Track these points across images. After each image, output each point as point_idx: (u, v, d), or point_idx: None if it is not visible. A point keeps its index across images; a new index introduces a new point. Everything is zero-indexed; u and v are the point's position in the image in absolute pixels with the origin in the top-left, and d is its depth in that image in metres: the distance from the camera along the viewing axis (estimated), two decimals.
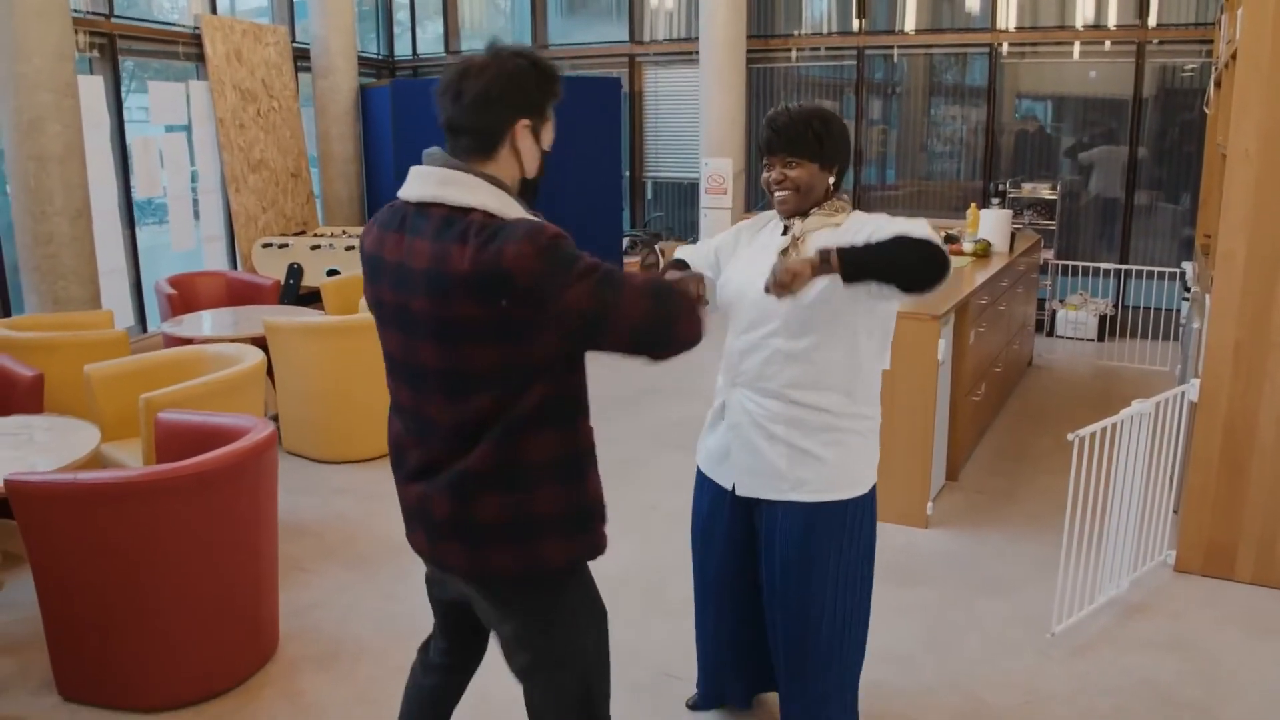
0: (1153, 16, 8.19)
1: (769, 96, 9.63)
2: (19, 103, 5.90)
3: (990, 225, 6.30)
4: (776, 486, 2.58)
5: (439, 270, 1.76)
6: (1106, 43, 8.42)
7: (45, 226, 6.05)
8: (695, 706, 3.10)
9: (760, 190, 2.86)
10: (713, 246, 2.79)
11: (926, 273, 2.22)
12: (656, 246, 2.80)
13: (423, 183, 1.85)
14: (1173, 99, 8.33)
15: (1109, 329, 8.25)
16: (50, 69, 5.95)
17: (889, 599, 3.78)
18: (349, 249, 8.28)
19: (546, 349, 1.78)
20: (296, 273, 8.31)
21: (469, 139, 1.85)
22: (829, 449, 2.53)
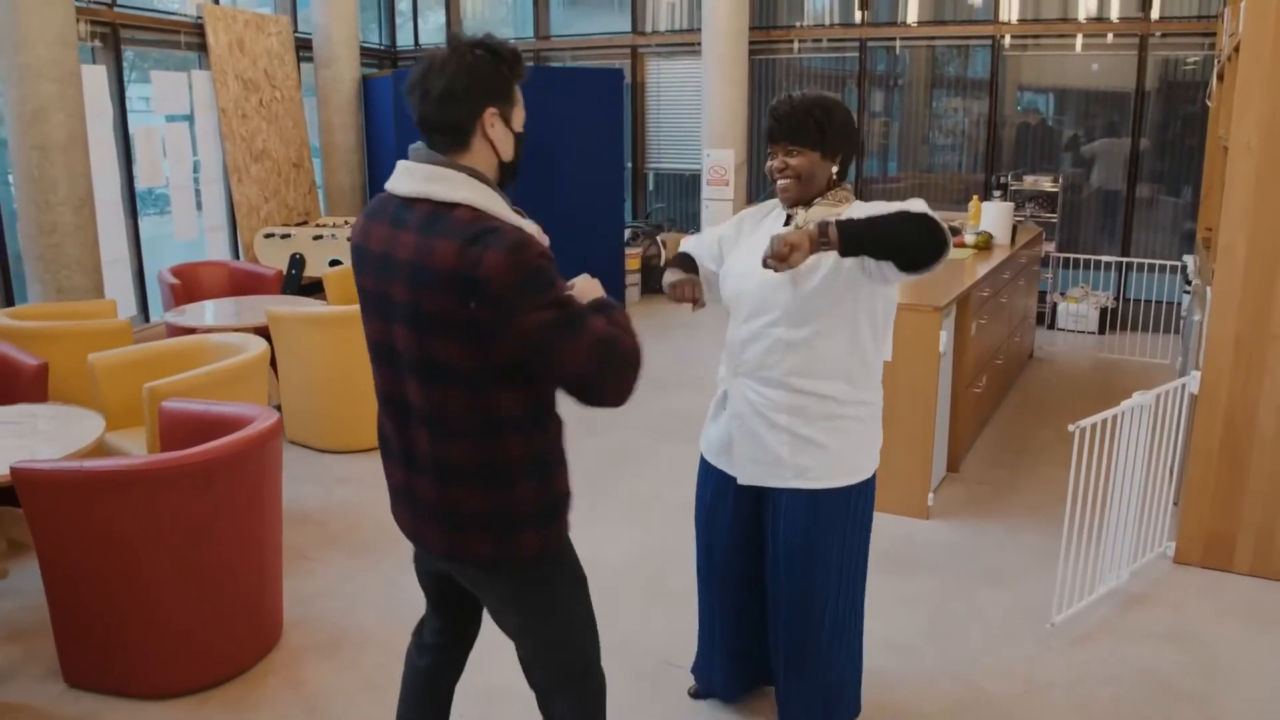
0: (1155, 9, 8.18)
1: (771, 88, 9.62)
2: (22, 92, 5.90)
3: (992, 218, 6.31)
4: (779, 474, 2.59)
5: (422, 264, 1.82)
6: (1109, 35, 8.42)
7: (49, 216, 6.06)
8: (697, 695, 3.12)
9: (762, 182, 2.88)
10: (716, 237, 2.80)
11: (926, 248, 2.23)
12: (658, 238, 2.80)
13: (409, 178, 1.90)
14: (1175, 92, 8.32)
15: (1110, 322, 8.26)
16: (54, 58, 5.95)
17: (890, 589, 3.80)
18: (351, 240, 8.27)
19: (503, 357, 1.84)
20: (299, 263, 8.32)
21: (442, 135, 1.90)
22: (831, 436, 2.54)
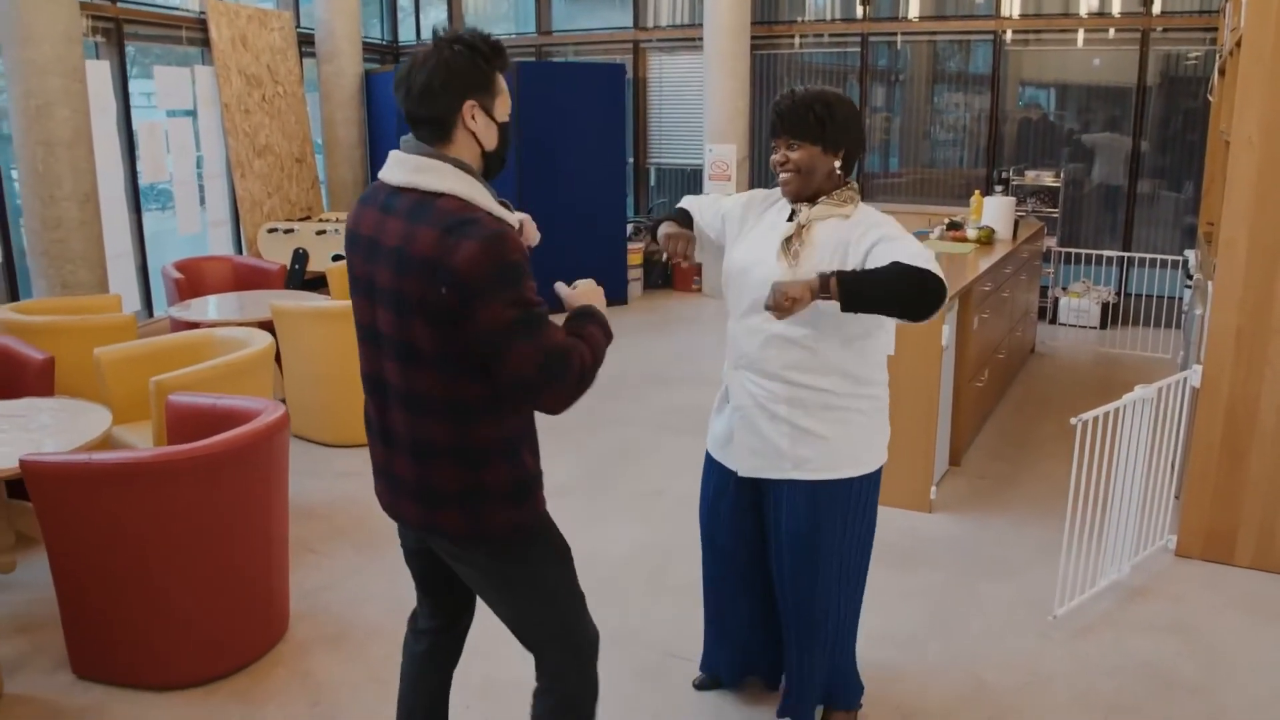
0: (1157, 4, 8.18)
1: (773, 83, 9.62)
2: (27, 87, 5.92)
3: (994, 212, 6.33)
4: (779, 466, 2.61)
5: (405, 249, 1.90)
6: (1110, 30, 8.42)
7: (54, 211, 6.09)
8: (701, 687, 3.13)
9: (764, 176, 2.89)
10: (721, 210, 2.80)
11: (922, 304, 2.29)
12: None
13: (400, 168, 1.98)
14: (1176, 87, 8.32)
15: (1111, 316, 8.27)
16: (58, 54, 5.97)
17: (893, 582, 3.82)
18: None
19: (466, 344, 1.91)
20: (302, 258, 8.34)
21: (426, 127, 1.98)
22: (831, 427, 2.56)
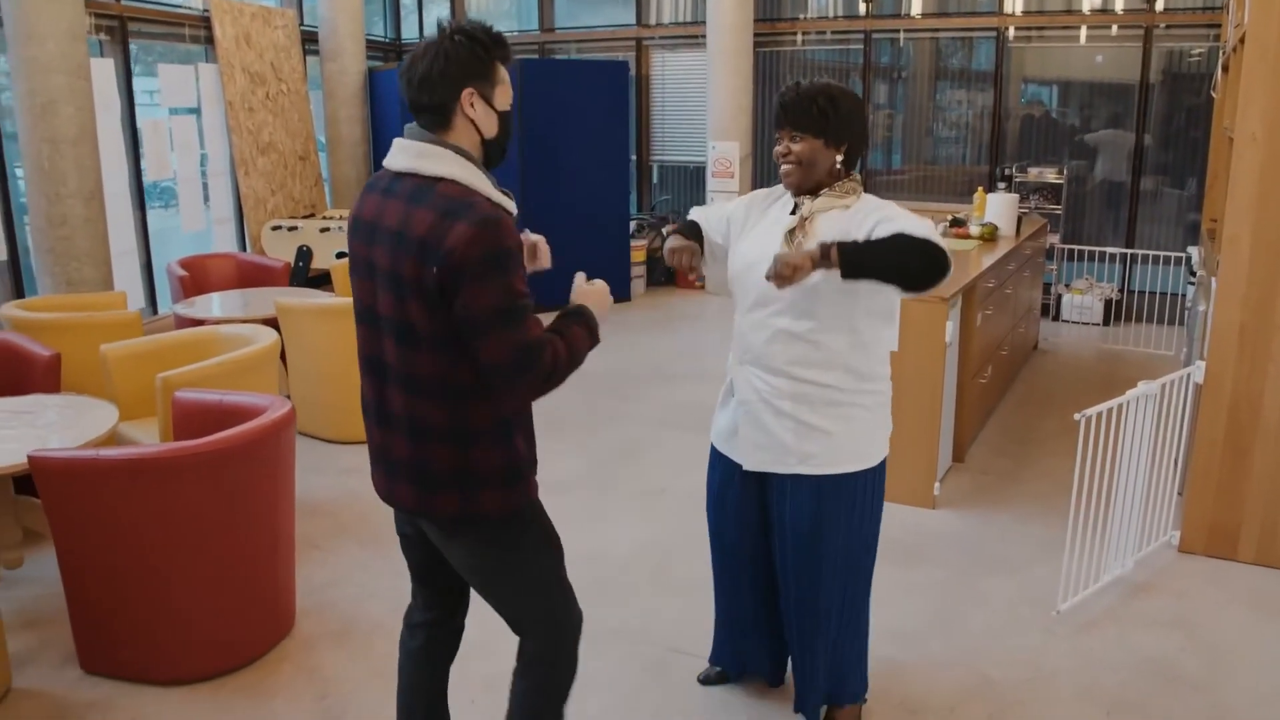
0: (1160, 1, 8.18)
1: (776, 80, 9.62)
2: (32, 85, 5.93)
3: (997, 209, 6.33)
4: (784, 460, 2.62)
5: (403, 231, 1.97)
6: (1113, 27, 8.41)
7: (59, 208, 6.10)
8: (707, 681, 3.15)
9: (766, 173, 2.90)
10: (725, 214, 2.82)
11: (925, 274, 2.30)
12: (663, 230, 2.85)
13: (402, 154, 2.04)
14: (1179, 84, 8.32)
15: (1114, 313, 8.27)
16: (63, 52, 5.98)
17: (896, 578, 3.83)
18: None
19: (453, 325, 1.96)
20: (306, 255, 8.35)
21: (427, 115, 2.04)
22: (835, 423, 2.57)
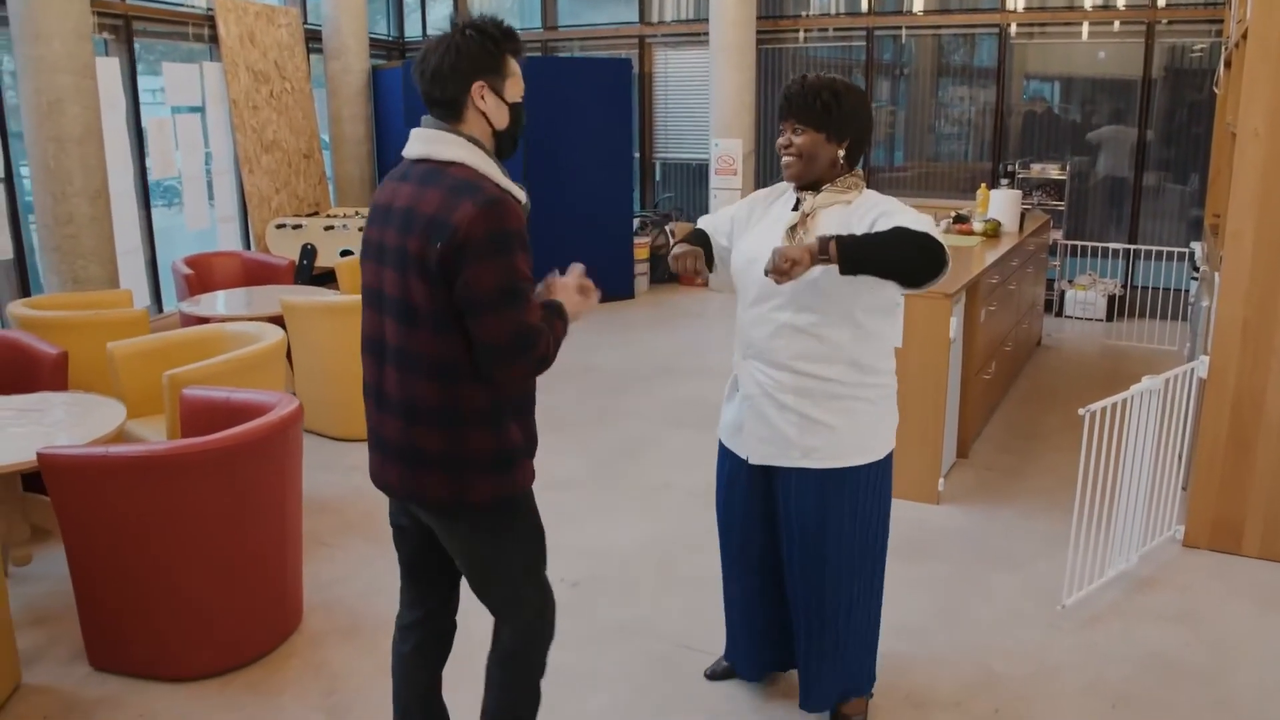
0: None
1: (779, 78, 9.62)
2: (38, 84, 5.95)
3: (1000, 205, 6.33)
4: (788, 454, 2.63)
5: (413, 209, 2.05)
6: (1116, 23, 8.41)
7: (65, 207, 6.12)
8: (714, 676, 3.16)
9: (769, 171, 2.92)
10: (729, 216, 2.85)
11: (924, 269, 2.31)
12: (667, 228, 2.86)
13: (417, 142, 2.14)
14: (1182, 79, 8.31)
15: (1117, 309, 8.28)
16: (69, 51, 5.99)
17: (902, 573, 3.84)
18: (362, 229, 8.31)
19: (454, 303, 2.02)
20: (310, 253, 8.37)
21: (439, 108, 2.12)
22: (839, 417, 2.58)
